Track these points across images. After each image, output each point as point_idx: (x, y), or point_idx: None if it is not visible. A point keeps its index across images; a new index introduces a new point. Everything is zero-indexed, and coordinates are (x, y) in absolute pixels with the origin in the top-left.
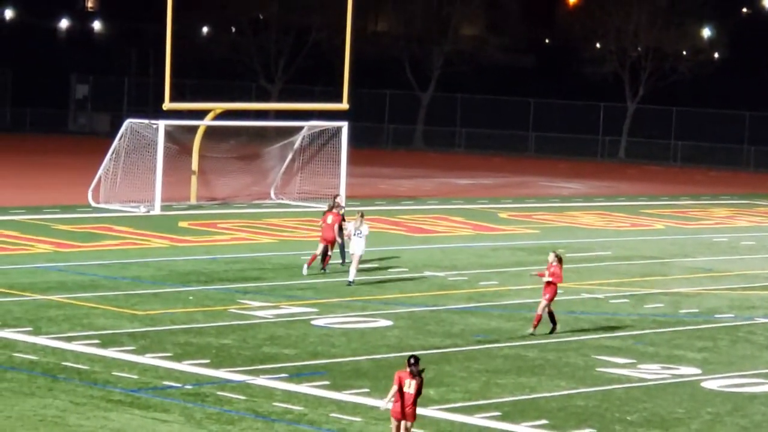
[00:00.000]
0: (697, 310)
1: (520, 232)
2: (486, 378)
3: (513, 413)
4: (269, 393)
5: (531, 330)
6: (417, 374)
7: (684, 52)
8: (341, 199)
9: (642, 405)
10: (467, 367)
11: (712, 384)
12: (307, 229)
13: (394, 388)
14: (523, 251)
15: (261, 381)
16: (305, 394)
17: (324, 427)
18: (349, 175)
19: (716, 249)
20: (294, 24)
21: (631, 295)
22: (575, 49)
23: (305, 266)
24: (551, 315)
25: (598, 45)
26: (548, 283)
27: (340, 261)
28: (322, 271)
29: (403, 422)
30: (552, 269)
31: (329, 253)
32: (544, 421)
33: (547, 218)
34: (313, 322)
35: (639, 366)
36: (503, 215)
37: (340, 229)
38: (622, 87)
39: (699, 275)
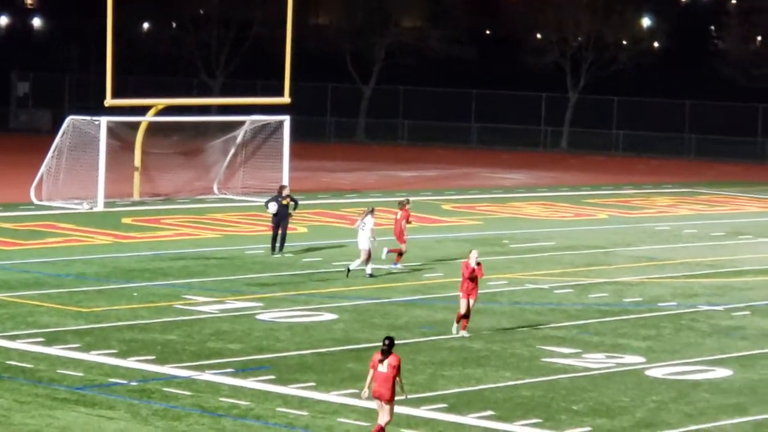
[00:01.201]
0: (640, 299)
1: (464, 223)
2: (432, 370)
3: (459, 405)
4: (215, 388)
5: (464, 332)
6: (384, 354)
7: (624, 42)
8: (287, 190)
9: (587, 394)
10: (413, 360)
11: (657, 372)
12: (251, 224)
13: (371, 372)
14: (468, 242)
15: (207, 376)
16: (251, 389)
17: (271, 421)
18: (291, 168)
19: (659, 238)
20: (235, 19)
21: (575, 284)
22: (517, 40)
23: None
24: (468, 312)
25: (539, 35)
26: (473, 281)
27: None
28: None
29: (380, 402)
30: (476, 267)
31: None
32: (490, 412)
33: (491, 209)
34: (257, 317)
35: (584, 355)
36: (447, 207)
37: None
38: (563, 77)
39: (642, 264)
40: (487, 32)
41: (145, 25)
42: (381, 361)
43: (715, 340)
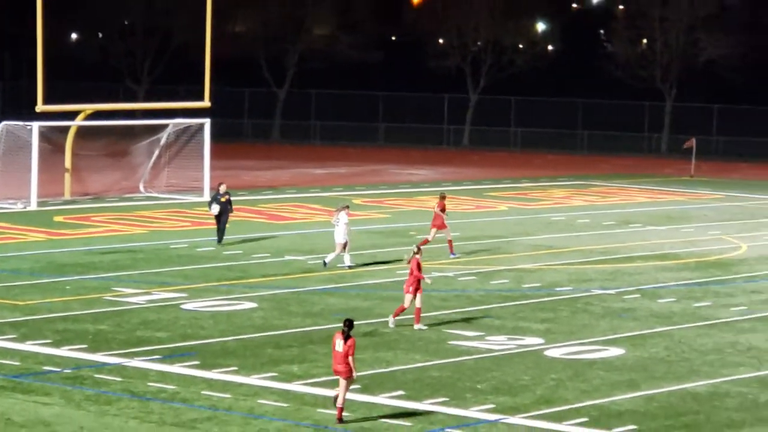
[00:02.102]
0: (539, 285)
1: (374, 216)
2: None
3: (372, 385)
4: (144, 374)
5: (394, 321)
6: (345, 335)
7: (520, 46)
8: (224, 187)
9: (491, 374)
10: (328, 344)
11: (555, 352)
12: (176, 220)
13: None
14: (377, 234)
15: (135, 363)
16: (177, 374)
17: (196, 404)
18: (212, 168)
19: (555, 227)
20: (158, 28)
21: (477, 272)
22: (420, 45)
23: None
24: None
25: (441, 40)
26: (416, 276)
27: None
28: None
29: (341, 380)
30: (413, 263)
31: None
32: (400, 392)
33: (399, 203)
34: (182, 307)
35: (487, 338)
36: (357, 201)
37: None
38: (464, 79)
39: (540, 252)
40: (393, 38)
41: (74, 35)
42: (339, 342)
43: (608, 321)
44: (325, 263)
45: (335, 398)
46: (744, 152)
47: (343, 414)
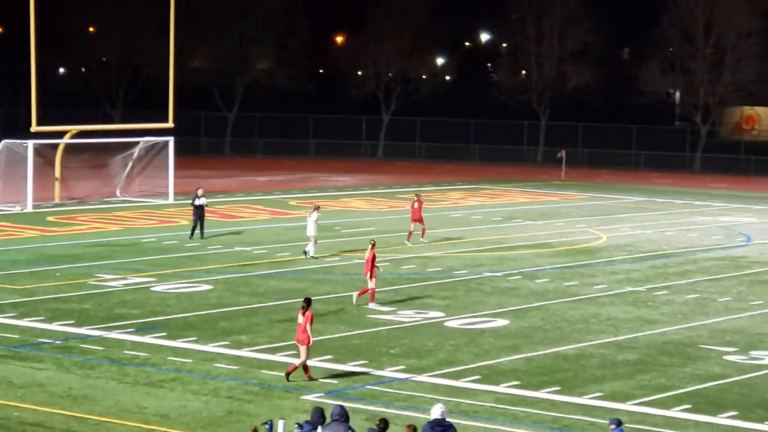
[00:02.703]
0: (440, 269)
1: (306, 215)
2: (284, 326)
3: None
4: (121, 344)
5: (357, 299)
6: (304, 309)
7: (424, 76)
8: (201, 191)
9: (402, 341)
10: (270, 318)
11: (453, 323)
12: (146, 219)
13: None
14: None
15: (114, 335)
16: (148, 344)
17: (163, 367)
18: (176, 177)
19: (453, 222)
20: (130, 64)
21: (391, 259)
22: (343, 77)
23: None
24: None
25: (360, 72)
26: (374, 265)
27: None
28: None
29: (301, 346)
30: (371, 254)
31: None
32: (330, 356)
33: (327, 203)
34: (152, 289)
35: (398, 312)
36: (293, 203)
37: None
38: (378, 104)
39: (441, 243)
40: (321, 71)
41: (61, 69)
42: (299, 315)
43: (496, 298)
44: (305, 253)
45: (293, 369)
46: (603, 161)
47: (306, 375)
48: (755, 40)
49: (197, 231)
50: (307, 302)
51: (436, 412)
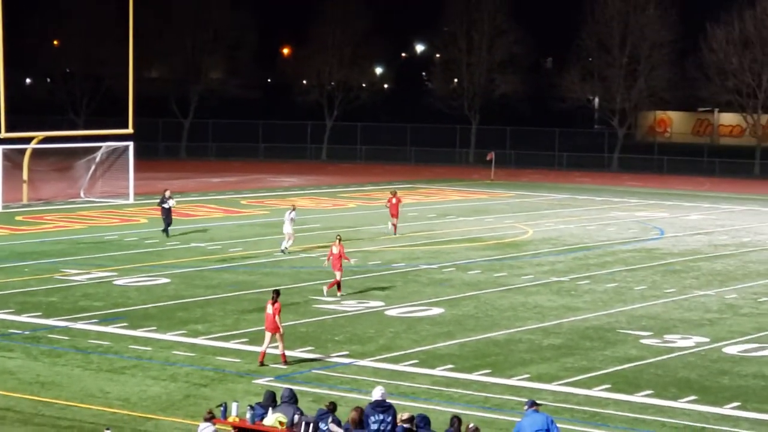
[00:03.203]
0: (380, 262)
1: (256, 213)
2: (237, 316)
3: (256, 339)
4: (85, 334)
5: (328, 292)
6: (273, 300)
7: (364, 84)
8: (169, 192)
9: (345, 329)
10: (224, 308)
11: (393, 312)
12: (108, 218)
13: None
14: (259, 226)
15: (79, 325)
16: (111, 333)
17: (125, 355)
18: (135, 179)
19: None
20: (92, 74)
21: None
22: (289, 85)
23: None
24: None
25: (305, 81)
26: (340, 259)
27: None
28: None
29: (269, 334)
30: (339, 248)
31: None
32: (278, 344)
33: (275, 203)
34: (114, 282)
35: (342, 302)
36: (244, 202)
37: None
38: (322, 110)
39: (380, 238)
40: (269, 80)
41: (28, 80)
42: (269, 306)
43: (432, 288)
44: (282, 251)
45: (263, 355)
46: (529, 162)
47: (280, 359)
48: (666, 50)
49: (165, 229)
50: (276, 294)
51: (377, 393)
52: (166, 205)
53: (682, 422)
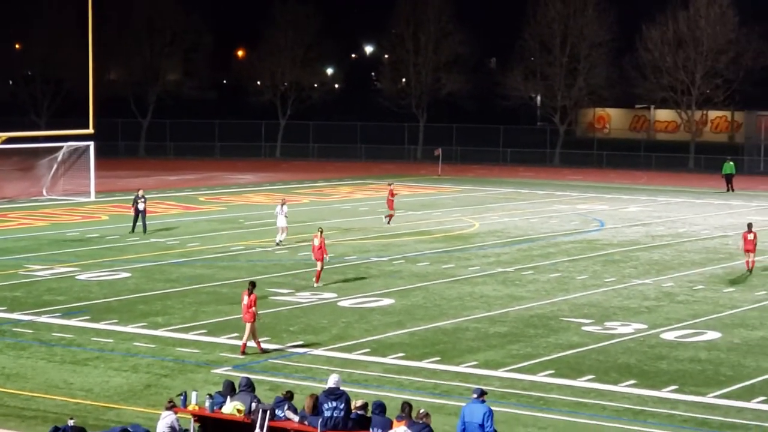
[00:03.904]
0: (332, 255)
1: (214, 209)
2: (195, 308)
3: (215, 330)
4: (49, 327)
5: (317, 284)
6: (249, 292)
7: (315, 85)
8: (142, 192)
9: (300, 320)
10: (182, 301)
11: (346, 303)
12: (70, 215)
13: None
14: (216, 222)
15: (43, 319)
16: (74, 326)
17: (88, 347)
18: (96, 177)
19: (343, 214)
20: (54, 77)
21: (289, 247)
22: (244, 86)
23: None
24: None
25: (258, 82)
26: (321, 250)
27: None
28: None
29: (247, 324)
30: (320, 241)
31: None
32: (235, 334)
33: (231, 199)
34: (77, 277)
35: (296, 294)
36: (202, 198)
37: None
38: (276, 110)
39: (332, 231)
40: (224, 81)
41: None
42: (244, 297)
43: (383, 280)
44: (276, 243)
45: (244, 346)
46: (475, 158)
47: (257, 349)
48: (605, 50)
49: (139, 224)
50: (252, 285)
51: (331, 381)
52: (140, 206)
53: (623, 405)
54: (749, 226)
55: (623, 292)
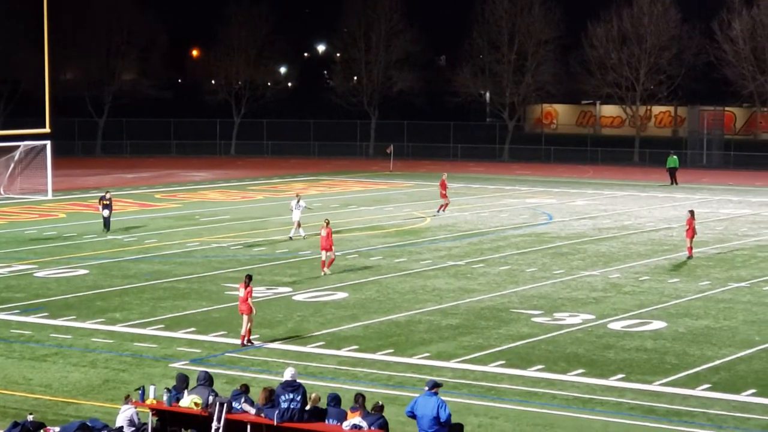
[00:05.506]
0: (287, 250)
1: (170, 206)
2: (153, 303)
3: (172, 325)
4: (7, 324)
5: (325, 271)
6: (246, 284)
7: (269, 83)
8: (109, 194)
9: (255, 314)
10: (140, 297)
11: (300, 297)
12: (27, 214)
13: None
14: (172, 219)
15: (1, 316)
16: (32, 323)
17: (46, 343)
18: (53, 176)
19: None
20: (9, 77)
21: (244, 243)
22: (199, 85)
23: None
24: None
25: (213, 81)
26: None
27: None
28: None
29: (242, 315)
30: (327, 231)
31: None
32: (193, 329)
33: (187, 196)
34: (35, 275)
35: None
36: (158, 196)
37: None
38: (230, 108)
39: (287, 227)
40: (179, 80)
41: None
42: (240, 289)
43: (336, 274)
44: (290, 238)
45: (243, 337)
46: (426, 154)
47: (245, 340)
48: (551, 47)
49: (107, 224)
50: (249, 277)
51: (287, 374)
52: (105, 212)
53: (572, 394)
54: (692, 213)
55: (571, 283)
